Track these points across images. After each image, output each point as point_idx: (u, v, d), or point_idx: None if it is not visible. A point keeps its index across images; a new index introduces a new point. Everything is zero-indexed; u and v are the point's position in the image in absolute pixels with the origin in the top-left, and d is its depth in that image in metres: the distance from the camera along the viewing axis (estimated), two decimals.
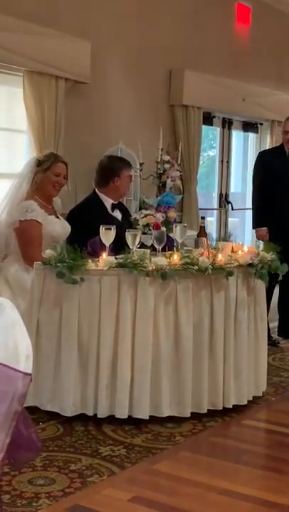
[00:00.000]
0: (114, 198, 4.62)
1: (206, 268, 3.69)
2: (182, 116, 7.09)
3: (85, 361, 3.62)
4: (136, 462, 3.21)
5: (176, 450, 3.39)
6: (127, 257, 3.63)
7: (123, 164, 4.67)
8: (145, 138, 6.32)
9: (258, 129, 8.73)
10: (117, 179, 4.58)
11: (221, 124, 8.17)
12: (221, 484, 3.02)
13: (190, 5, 7.18)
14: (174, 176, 6.38)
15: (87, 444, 3.40)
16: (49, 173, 4.21)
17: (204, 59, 7.37)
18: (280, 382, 4.51)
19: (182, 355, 3.69)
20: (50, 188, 4.23)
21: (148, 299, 3.62)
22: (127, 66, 6.49)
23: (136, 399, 3.61)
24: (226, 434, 3.67)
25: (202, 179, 8.42)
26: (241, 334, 3.90)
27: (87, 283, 3.60)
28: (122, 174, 4.60)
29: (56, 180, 4.24)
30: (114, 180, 4.57)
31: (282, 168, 5.50)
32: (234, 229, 8.51)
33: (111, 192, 4.60)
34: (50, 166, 4.22)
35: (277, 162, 5.54)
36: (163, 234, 3.96)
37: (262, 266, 3.95)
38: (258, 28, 8.16)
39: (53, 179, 4.22)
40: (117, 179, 4.58)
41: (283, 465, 3.28)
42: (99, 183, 4.68)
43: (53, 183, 4.22)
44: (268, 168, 5.55)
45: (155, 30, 6.76)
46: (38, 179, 4.19)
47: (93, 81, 5.93)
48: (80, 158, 5.74)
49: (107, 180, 4.60)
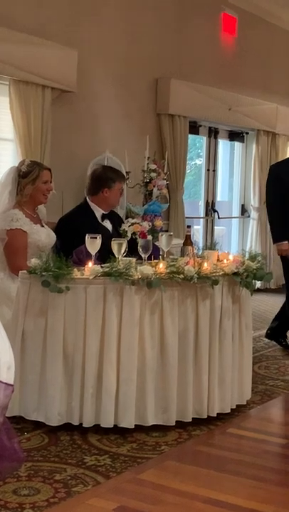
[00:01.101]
0: (103, 207, 4.62)
1: (192, 277, 3.70)
2: (168, 125, 7.13)
3: (70, 370, 3.62)
4: (121, 471, 3.21)
5: (161, 459, 3.39)
6: (112, 266, 3.64)
7: (116, 176, 4.65)
8: (132, 147, 6.35)
9: (243, 138, 8.79)
10: (107, 190, 4.56)
11: (207, 133, 8.22)
12: (206, 493, 3.02)
13: (176, 15, 7.23)
14: (160, 184, 6.40)
15: (72, 454, 3.39)
16: (38, 183, 4.24)
17: (190, 68, 7.41)
18: (265, 391, 4.52)
19: (167, 363, 3.69)
20: (41, 196, 4.28)
21: (134, 308, 3.62)
22: (114, 75, 6.52)
23: (121, 408, 3.61)
24: (211, 443, 3.67)
25: (189, 188, 8.46)
26: (226, 343, 3.92)
27: (72, 292, 3.60)
28: (113, 186, 4.58)
29: (46, 188, 4.29)
30: (103, 191, 4.56)
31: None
32: (220, 237, 8.56)
33: (100, 202, 4.59)
34: (37, 175, 4.23)
35: (286, 174, 5.46)
36: (149, 243, 3.97)
37: (247, 275, 3.97)
38: (243, 38, 8.23)
39: (43, 188, 4.26)
40: (106, 190, 4.56)
41: (268, 473, 3.29)
42: (89, 191, 4.68)
43: (43, 191, 4.27)
44: (281, 181, 5.48)
45: (141, 39, 6.80)
46: (29, 191, 4.21)
47: (80, 90, 5.95)
48: (67, 166, 5.76)
49: (97, 190, 4.59)
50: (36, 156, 5.33)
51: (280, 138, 8.93)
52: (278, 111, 8.75)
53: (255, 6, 8.31)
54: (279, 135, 8.90)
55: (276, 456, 3.53)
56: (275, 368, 5.11)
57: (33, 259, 3.74)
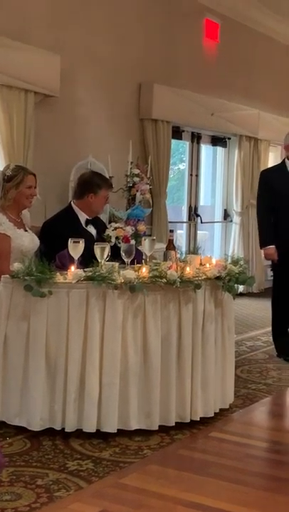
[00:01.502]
0: (87, 213, 4.62)
1: (174, 281, 3.71)
2: (151, 130, 7.15)
3: (52, 375, 3.61)
4: (103, 476, 3.21)
5: (143, 463, 3.39)
6: (95, 270, 3.64)
7: (102, 183, 4.64)
8: (115, 151, 6.36)
9: (226, 144, 8.84)
10: (92, 196, 4.56)
11: (190, 138, 8.26)
12: (188, 497, 3.03)
13: (159, 20, 7.26)
14: (143, 189, 6.42)
15: (54, 459, 3.38)
16: (22, 187, 4.24)
17: (173, 74, 7.45)
18: (247, 394, 4.54)
19: (150, 368, 3.70)
20: (24, 200, 4.28)
21: (116, 312, 3.63)
22: (97, 80, 6.53)
23: (104, 412, 3.61)
24: (194, 447, 3.68)
25: (172, 192, 8.49)
26: (209, 347, 3.93)
27: (55, 296, 3.60)
28: (99, 192, 4.58)
29: (30, 193, 4.29)
30: (89, 196, 4.56)
31: (284, 186, 5.45)
32: (203, 242, 8.58)
33: (85, 207, 4.59)
34: (21, 179, 4.24)
35: (279, 180, 5.49)
36: (132, 247, 3.98)
37: (229, 279, 3.99)
38: (226, 44, 8.28)
39: (26, 192, 4.27)
40: (92, 195, 4.56)
41: (250, 477, 3.30)
42: (75, 195, 4.68)
43: (27, 196, 4.27)
44: (271, 187, 5.51)
45: (125, 44, 6.82)
46: (12, 195, 4.22)
47: (63, 95, 5.95)
48: (50, 171, 5.76)
49: (82, 194, 4.59)
50: (19, 161, 5.33)
51: (261, 143, 9.00)
52: (260, 117, 8.81)
53: (237, 12, 8.37)
54: (261, 140, 8.96)
55: (258, 460, 3.54)
56: (258, 371, 5.14)
57: (15, 263, 3.73)
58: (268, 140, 9.14)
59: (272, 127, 9.05)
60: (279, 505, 3.02)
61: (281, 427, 4.13)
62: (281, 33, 9.27)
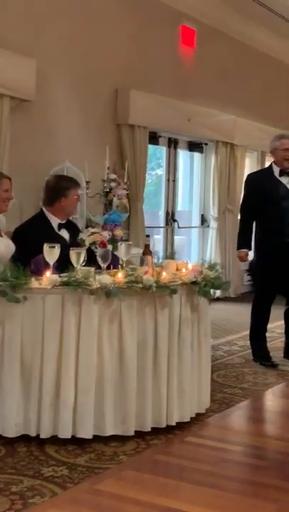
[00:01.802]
0: (60, 217, 4.61)
1: (150, 286, 3.71)
2: (128, 136, 7.16)
3: (27, 381, 3.59)
4: (78, 482, 3.19)
5: (119, 469, 3.37)
6: (71, 275, 3.62)
7: (71, 184, 4.65)
8: (92, 156, 6.36)
9: (203, 149, 8.88)
10: (64, 199, 4.56)
11: (167, 144, 8.29)
12: (164, 502, 3.02)
13: (136, 26, 7.28)
14: (120, 194, 6.42)
15: (29, 465, 3.36)
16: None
17: (150, 79, 7.47)
18: (223, 399, 4.55)
19: (126, 373, 3.69)
20: (1, 204, 4.26)
21: (92, 317, 3.61)
22: (73, 85, 6.53)
23: (79, 418, 3.59)
24: (170, 452, 3.67)
25: (150, 197, 8.50)
26: (185, 351, 3.93)
27: (30, 301, 3.58)
28: (70, 194, 4.58)
29: (6, 197, 4.28)
30: (60, 200, 4.55)
31: (271, 190, 5.44)
32: (180, 247, 8.61)
33: (57, 211, 4.58)
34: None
35: (267, 184, 5.48)
36: (108, 252, 3.97)
37: (205, 284, 4.00)
38: (202, 50, 8.33)
39: (3, 196, 4.25)
40: (63, 199, 4.56)
41: (226, 482, 3.30)
42: (46, 202, 4.66)
43: (3, 199, 4.26)
44: (257, 190, 5.51)
45: (101, 49, 6.83)
46: None
47: (39, 99, 5.94)
48: (26, 176, 5.73)
49: (53, 200, 4.58)
50: None
51: (238, 149, 9.05)
52: (236, 123, 8.87)
53: (213, 18, 8.42)
54: (237, 146, 9.01)
55: (234, 465, 3.54)
56: (234, 376, 5.15)
57: None
58: (244, 146, 9.20)
59: (248, 133, 9.12)
60: (255, 509, 3.03)
61: (257, 431, 4.15)
62: (257, 39, 9.35)
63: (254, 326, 5.67)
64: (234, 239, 8.88)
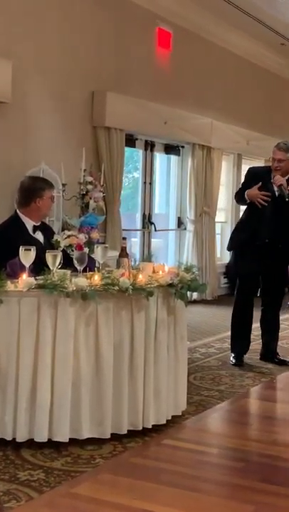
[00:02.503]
0: (35, 219, 4.58)
1: (127, 288, 3.70)
2: (105, 138, 7.15)
3: (3, 384, 3.56)
4: (55, 486, 3.17)
5: (96, 472, 3.36)
6: (47, 278, 3.60)
7: (45, 185, 4.64)
8: (68, 159, 6.33)
9: (179, 152, 8.90)
10: (39, 200, 4.54)
11: (144, 146, 8.29)
12: (141, 505, 3.01)
13: (112, 28, 7.28)
14: (96, 196, 6.40)
15: (5, 470, 3.32)
16: None
17: (126, 82, 7.47)
18: (200, 401, 4.56)
19: (102, 376, 3.67)
20: None
21: (68, 320, 3.60)
22: (50, 87, 6.50)
23: (55, 422, 3.57)
24: (146, 455, 3.67)
25: (127, 200, 8.50)
26: (161, 354, 3.93)
27: (5, 304, 3.55)
28: (44, 195, 4.57)
29: None
30: (35, 201, 4.53)
31: (261, 189, 5.46)
32: (157, 249, 8.61)
33: (32, 213, 4.56)
34: None
35: (262, 180, 5.51)
36: (84, 255, 3.96)
37: (182, 286, 4.00)
38: (178, 53, 8.35)
39: None
40: (38, 200, 4.54)
41: (203, 484, 3.30)
42: (20, 204, 4.63)
43: None
44: (251, 185, 5.54)
45: (78, 51, 6.82)
46: None
47: (14, 101, 5.91)
48: (1, 177, 5.70)
49: (28, 201, 4.55)
50: None
51: (214, 152, 9.09)
52: (213, 125, 8.91)
53: (189, 21, 8.45)
54: (214, 149, 9.05)
55: (211, 467, 3.55)
56: (210, 378, 5.16)
57: None
58: (221, 149, 9.24)
59: (225, 136, 9.17)
60: (233, 511, 3.03)
61: (234, 433, 4.15)
62: (233, 42, 9.40)
63: (237, 324, 5.69)
64: (211, 241, 9.00)
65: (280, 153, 5.42)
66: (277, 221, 5.46)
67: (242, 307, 5.65)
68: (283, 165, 5.42)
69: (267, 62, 10.39)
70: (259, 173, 5.74)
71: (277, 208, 5.43)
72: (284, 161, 5.42)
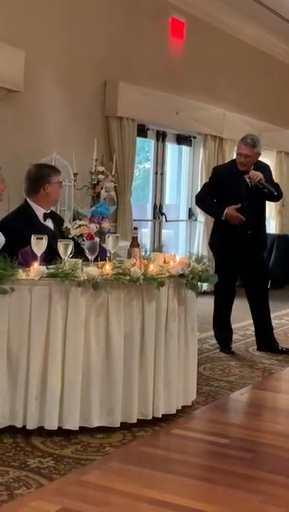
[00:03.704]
0: (45, 206, 4.60)
1: (138, 278, 3.71)
2: (117, 128, 7.14)
3: (14, 372, 3.58)
4: (64, 473, 3.19)
5: (105, 461, 3.38)
6: (58, 267, 3.61)
7: (52, 171, 4.67)
8: (79, 148, 6.34)
9: (191, 142, 8.87)
10: (47, 186, 4.56)
11: (155, 137, 8.27)
12: (150, 494, 3.03)
13: (125, 18, 7.25)
14: (108, 186, 6.40)
15: (15, 457, 3.35)
16: None
17: (139, 72, 7.45)
18: (209, 392, 4.57)
19: (112, 365, 3.69)
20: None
21: (79, 309, 3.61)
22: (62, 76, 6.49)
23: (66, 410, 3.59)
24: (156, 444, 3.68)
25: (138, 191, 8.49)
26: (171, 344, 3.94)
27: (17, 293, 3.57)
28: (52, 180, 4.60)
29: (3, 186, 4.30)
30: (44, 187, 4.56)
31: (233, 184, 5.54)
32: (168, 240, 8.61)
33: (42, 200, 4.57)
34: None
35: (230, 179, 5.58)
36: (95, 244, 3.97)
37: (193, 277, 4.00)
38: (191, 43, 8.31)
39: (1, 187, 4.23)
40: (47, 186, 4.56)
41: (212, 474, 3.32)
42: (29, 192, 4.64)
43: (0, 190, 4.26)
44: (220, 183, 5.61)
45: (90, 41, 6.80)
46: None
47: (27, 90, 5.91)
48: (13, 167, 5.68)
49: (37, 188, 4.57)
50: None
51: (226, 143, 9.05)
52: (225, 116, 8.87)
53: (203, 11, 8.41)
54: (226, 140, 9.01)
55: (220, 457, 3.55)
56: (220, 369, 5.17)
57: None
58: (233, 139, 9.18)
59: (237, 127, 9.11)
60: (241, 501, 3.04)
61: (243, 424, 4.17)
62: (246, 32, 9.34)
63: (216, 313, 5.80)
64: None
65: (247, 148, 5.47)
66: (255, 212, 5.59)
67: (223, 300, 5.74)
68: (250, 160, 5.49)
69: (280, 52, 10.33)
70: (226, 170, 5.78)
71: (252, 199, 5.52)
72: (250, 156, 5.48)
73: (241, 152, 5.51)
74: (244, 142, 5.51)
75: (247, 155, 5.48)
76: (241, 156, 5.51)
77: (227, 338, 5.79)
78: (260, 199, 5.59)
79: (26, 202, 4.61)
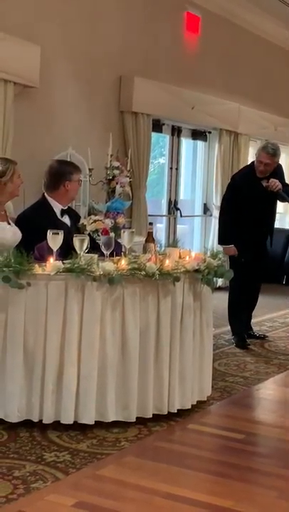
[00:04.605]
0: (63, 202, 4.61)
1: (153, 273, 3.71)
2: (132, 123, 7.13)
3: (30, 366, 3.60)
4: (80, 468, 3.21)
5: (121, 455, 3.39)
6: (74, 262, 3.62)
7: (73, 168, 4.69)
8: (95, 143, 6.34)
9: (206, 137, 8.84)
10: (68, 183, 4.57)
11: (170, 132, 8.25)
12: (165, 488, 3.04)
13: (140, 13, 7.24)
14: (123, 182, 6.40)
15: (31, 450, 3.38)
16: (14, 179, 4.24)
17: (154, 66, 7.43)
18: (225, 387, 4.57)
19: (128, 360, 3.70)
20: (16, 191, 4.31)
21: (95, 304, 3.62)
22: (77, 71, 6.50)
23: (81, 404, 3.61)
24: (171, 439, 3.69)
25: (152, 186, 8.48)
26: (187, 339, 3.94)
27: (33, 288, 3.58)
28: (73, 178, 4.61)
29: (21, 181, 4.31)
30: (64, 184, 4.57)
31: (252, 193, 5.64)
32: (183, 235, 8.60)
33: (61, 196, 4.59)
34: (13, 171, 4.23)
35: (248, 187, 5.67)
36: (111, 239, 3.97)
37: (208, 272, 4.00)
38: (207, 37, 8.28)
39: (18, 182, 4.30)
40: (67, 183, 4.57)
41: (227, 469, 3.32)
42: (49, 187, 4.66)
43: (18, 185, 4.29)
44: (239, 192, 5.69)
45: (105, 36, 6.79)
46: (10, 189, 4.23)
47: (43, 86, 5.92)
48: (29, 162, 5.71)
49: (57, 184, 4.58)
50: None
51: (242, 138, 9.02)
52: (240, 111, 8.83)
53: (218, 5, 8.37)
54: (241, 135, 8.98)
55: (235, 452, 3.55)
56: (235, 364, 5.16)
57: None
58: (248, 134, 9.17)
59: (252, 122, 9.08)
60: (255, 496, 3.05)
61: (258, 419, 4.16)
62: (261, 26, 9.28)
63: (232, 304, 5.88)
64: None
65: (269, 157, 5.60)
66: (269, 212, 5.82)
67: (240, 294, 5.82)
68: (269, 168, 5.64)
69: None
70: (243, 177, 5.83)
71: (267, 202, 5.71)
72: (270, 165, 5.63)
73: (262, 160, 5.62)
74: (265, 151, 5.61)
75: (268, 164, 5.62)
76: (262, 164, 5.63)
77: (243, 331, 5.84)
78: (274, 201, 5.82)
79: (44, 197, 4.63)
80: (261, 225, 5.74)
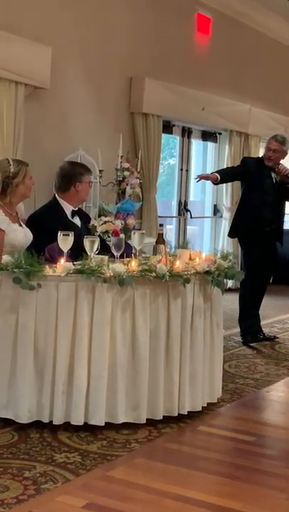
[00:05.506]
0: (74, 203, 4.63)
1: (164, 275, 3.71)
2: (142, 124, 7.14)
3: (41, 367, 3.61)
4: (90, 469, 3.21)
5: (131, 457, 3.39)
6: (84, 263, 3.63)
7: (84, 170, 4.71)
8: (105, 145, 6.35)
9: (216, 139, 8.84)
10: (79, 184, 4.60)
11: (181, 133, 8.25)
12: (175, 490, 3.03)
13: (151, 14, 7.24)
14: (133, 183, 6.41)
15: (42, 451, 3.38)
16: (26, 180, 4.26)
17: (164, 68, 7.43)
18: (235, 389, 4.56)
19: (138, 361, 3.70)
20: (28, 192, 4.32)
21: (105, 306, 3.62)
22: (88, 73, 6.51)
23: (92, 405, 3.61)
24: (181, 441, 3.69)
25: (162, 187, 8.48)
26: (197, 341, 3.93)
27: (44, 289, 3.59)
28: (84, 180, 4.63)
29: (32, 183, 4.32)
30: (75, 186, 4.59)
31: (259, 176, 5.83)
32: (193, 237, 8.59)
33: (71, 197, 4.61)
34: (25, 172, 4.25)
35: (256, 169, 5.88)
36: (121, 241, 3.98)
37: (218, 273, 3.99)
38: (217, 39, 8.27)
39: (30, 183, 4.31)
40: (78, 184, 4.60)
41: (236, 471, 3.31)
42: (59, 188, 4.68)
43: (30, 186, 4.31)
44: (245, 171, 5.93)
45: (116, 37, 6.80)
46: (22, 190, 4.24)
47: (53, 87, 5.93)
48: (39, 164, 5.73)
49: (68, 186, 4.61)
50: (8, 153, 5.31)
51: (252, 139, 9.00)
52: (251, 112, 8.82)
53: (229, 7, 8.36)
54: (251, 136, 8.96)
55: (245, 454, 3.55)
56: (245, 366, 5.15)
57: (4, 256, 3.71)
58: (259, 135, 9.14)
59: (263, 123, 9.06)
60: (265, 498, 3.04)
61: (269, 421, 4.15)
62: (272, 28, 9.27)
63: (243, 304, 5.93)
64: None
65: (277, 144, 5.85)
66: (279, 206, 5.93)
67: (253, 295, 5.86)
68: (277, 155, 5.84)
69: None
70: (253, 162, 6.15)
71: (276, 195, 5.84)
72: (278, 152, 5.84)
73: (270, 147, 5.86)
74: (274, 139, 5.89)
75: (276, 150, 5.82)
76: (270, 151, 5.85)
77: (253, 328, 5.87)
78: (283, 195, 5.88)
79: (55, 198, 4.64)
80: (272, 219, 5.81)
